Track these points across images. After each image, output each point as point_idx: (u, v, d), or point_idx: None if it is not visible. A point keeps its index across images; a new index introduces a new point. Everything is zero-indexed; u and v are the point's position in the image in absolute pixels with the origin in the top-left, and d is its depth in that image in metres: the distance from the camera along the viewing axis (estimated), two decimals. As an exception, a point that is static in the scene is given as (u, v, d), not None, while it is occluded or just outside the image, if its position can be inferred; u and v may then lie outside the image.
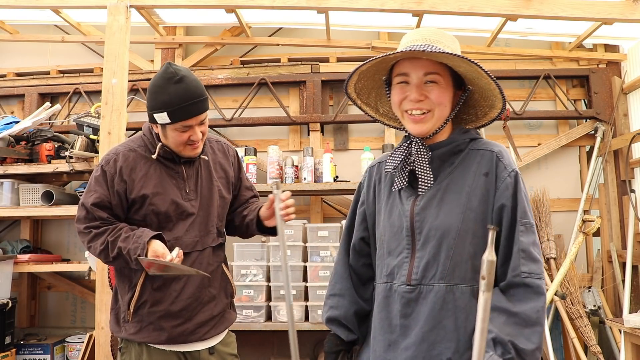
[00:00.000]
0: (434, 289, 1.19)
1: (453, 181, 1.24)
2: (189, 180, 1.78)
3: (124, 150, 1.77)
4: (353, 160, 3.57)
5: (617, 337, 3.01)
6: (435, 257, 1.20)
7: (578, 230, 3.19)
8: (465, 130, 1.31)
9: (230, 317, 1.88)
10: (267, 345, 3.41)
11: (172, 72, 1.64)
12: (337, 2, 2.99)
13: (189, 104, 1.65)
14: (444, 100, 1.23)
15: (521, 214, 1.19)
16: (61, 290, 3.76)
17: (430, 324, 1.19)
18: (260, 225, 1.86)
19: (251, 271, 3.06)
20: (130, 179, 1.72)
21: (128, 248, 1.63)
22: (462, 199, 1.22)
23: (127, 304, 1.72)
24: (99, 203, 1.70)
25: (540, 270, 1.17)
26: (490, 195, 1.22)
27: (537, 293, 1.14)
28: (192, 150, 1.75)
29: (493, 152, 1.25)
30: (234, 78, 3.72)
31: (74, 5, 3.21)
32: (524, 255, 1.16)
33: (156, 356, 1.72)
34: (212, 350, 1.78)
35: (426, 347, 1.18)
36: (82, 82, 3.84)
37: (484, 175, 1.23)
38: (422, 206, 1.24)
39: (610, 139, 3.45)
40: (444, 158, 1.27)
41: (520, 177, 1.23)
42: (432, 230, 1.22)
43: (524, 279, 1.15)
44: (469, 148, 1.28)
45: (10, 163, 3.25)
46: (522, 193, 1.21)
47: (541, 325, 1.12)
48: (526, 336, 1.10)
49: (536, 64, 3.72)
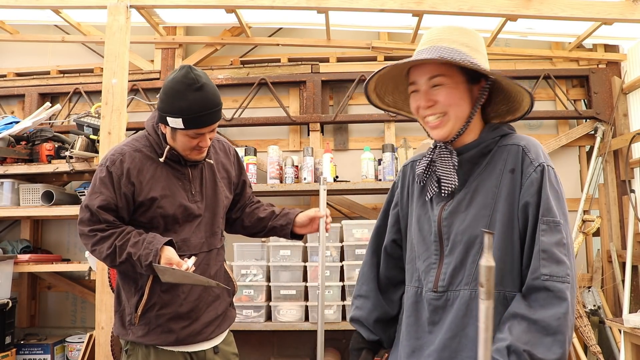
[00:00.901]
0: (460, 295, 1.16)
1: (482, 183, 1.19)
2: (194, 182, 1.77)
3: (129, 150, 1.70)
4: (353, 160, 3.57)
5: (617, 337, 3.01)
6: (462, 263, 1.17)
7: (578, 230, 3.19)
8: (496, 126, 1.24)
9: (232, 315, 1.90)
10: (267, 345, 3.41)
11: (192, 78, 1.59)
12: (337, 2, 2.99)
13: (206, 114, 1.61)
14: (455, 100, 1.18)
15: (544, 211, 1.10)
16: (61, 290, 3.76)
17: (454, 331, 1.15)
18: (292, 231, 1.92)
19: (251, 271, 3.06)
20: (138, 181, 1.67)
21: (139, 254, 1.59)
22: (488, 200, 1.16)
23: (135, 306, 1.70)
24: (105, 205, 1.65)
25: (565, 273, 1.06)
26: (516, 193, 1.14)
27: (559, 298, 1.04)
28: (198, 155, 1.74)
29: (519, 146, 1.17)
30: (234, 78, 3.72)
31: (74, 5, 3.21)
32: (544, 256, 1.07)
33: (163, 358, 1.71)
34: (216, 349, 1.79)
35: (447, 355, 1.15)
36: (82, 82, 3.84)
37: (509, 172, 1.15)
38: (450, 211, 1.20)
39: (610, 139, 3.45)
40: (474, 160, 1.21)
41: (549, 171, 1.14)
42: (458, 235, 1.18)
43: (544, 282, 1.06)
44: (497, 145, 1.21)
45: (11, 163, 3.25)
46: (548, 188, 1.11)
47: (563, 333, 1.03)
48: (546, 345, 1.02)
49: (536, 64, 3.72)
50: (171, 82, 1.61)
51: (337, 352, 3.30)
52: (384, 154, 3.23)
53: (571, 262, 1.09)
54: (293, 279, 3.02)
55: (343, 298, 3.02)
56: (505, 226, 1.13)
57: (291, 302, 3.02)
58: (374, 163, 3.27)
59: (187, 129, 1.62)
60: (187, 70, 1.61)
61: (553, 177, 1.14)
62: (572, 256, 1.10)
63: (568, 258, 1.08)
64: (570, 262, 1.09)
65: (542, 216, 1.10)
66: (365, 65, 3.74)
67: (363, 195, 3.60)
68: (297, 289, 3.02)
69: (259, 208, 1.99)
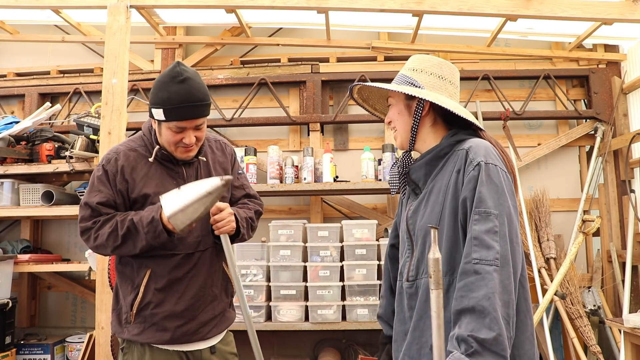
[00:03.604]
0: (422, 283, 1.30)
1: (436, 183, 1.33)
2: (188, 181, 1.78)
3: (124, 149, 1.77)
4: (353, 160, 3.57)
5: (617, 337, 3.01)
6: (422, 255, 1.32)
7: (578, 230, 3.19)
8: (455, 133, 1.37)
9: (231, 317, 1.89)
10: (267, 345, 3.41)
11: (177, 71, 1.63)
12: (337, 2, 2.99)
13: (186, 106, 1.63)
14: (396, 116, 1.41)
15: (477, 203, 1.19)
16: (61, 290, 3.76)
17: (419, 314, 1.30)
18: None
19: (251, 271, 3.06)
20: (132, 178, 1.73)
21: (140, 216, 1.64)
22: (440, 198, 1.30)
23: (130, 305, 1.72)
24: (104, 202, 1.70)
25: (493, 257, 1.14)
26: (458, 190, 1.26)
27: (486, 279, 1.12)
28: (184, 153, 1.74)
29: (465, 150, 1.29)
30: (234, 78, 3.72)
31: (74, 6, 3.21)
32: (475, 242, 1.16)
33: (159, 356, 1.72)
34: (213, 349, 1.79)
35: (418, 334, 1.29)
36: (82, 82, 3.84)
37: (456, 172, 1.28)
38: (413, 210, 1.38)
39: (610, 139, 3.45)
40: (432, 163, 1.36)
41: (487, 167, 1.23)
42: (418, 231, 1.34)
43: (474, 266, 1.14)
44: (453, 150, 1.34)
45: (11, 163, 3.25)
46: (485, 183, 1.21)
47: (496, 311, 1.10)
48: (487, 325, 1.09)
49: (536, 64, 3.72)
50: (159, 76, 1.68)
51: (337, 352, 3.30)
52: (384, 154, 3.23)
53: (503, 248, 1.16)
54: (293, 279, 3.02)
55: (343, 298, 3.02)
56: (452, 221, 1.26)
57: (291, 302, 3.02)
58: (374, 163, 3.27)
59: (167, 120, 1.65)
60: (174, 65, 1.66)
61: (494, 173, 1.23)
62: (507, 243, 1.17)
63: (499, 244, 1.16)
64: (502, 247, 1.16)
65: (475, 207, 1.20)
66: (365, 65, 3.74)
67: (363, 195, 3.60)
68: (297, 289, 3.03)
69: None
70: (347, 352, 3.34)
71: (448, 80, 1.38)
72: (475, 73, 3.59)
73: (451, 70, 1.40)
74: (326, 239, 3.06)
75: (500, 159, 1.28)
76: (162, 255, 1.72)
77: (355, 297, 3.00)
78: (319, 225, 3.18)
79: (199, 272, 1.76)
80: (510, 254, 1.17)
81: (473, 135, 1.36)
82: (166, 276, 1.72)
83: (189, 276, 1.74)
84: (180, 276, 1.73)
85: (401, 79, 1.39)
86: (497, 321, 1.10)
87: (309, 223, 3.23)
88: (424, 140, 1.40)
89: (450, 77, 1.39)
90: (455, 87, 1.41)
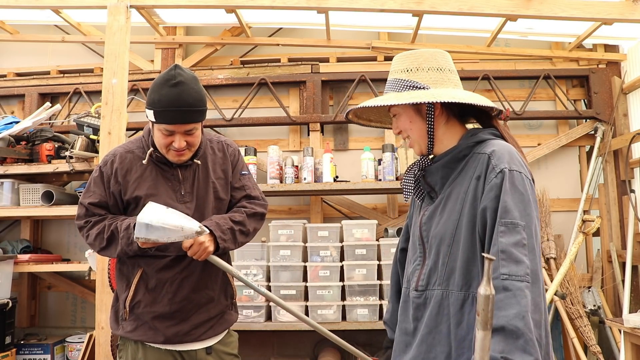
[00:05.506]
0: (434, 295, 1.23)
1: (454, 189, 1.25)
2: (184, 183, 1.78)
3: (121, 151, 1.80)
4: (353, 160, 3.57)
5: (617, 337, 3.01)
6: (435, 265, 1.25)
7: (578, 230, 3.19)
8: (475, 132, 1.30)
9: (231, 318, 1.88)
10: (267, 345, 3.41)
11: (172, 74, 1.63)
12: (337, 2, 2.99)
13: (175, 110, 1.62)
14: (407, 125, 1.32)
15: (502, 213, 1.12)
16: (61, 290, 3.76)
17: (429, 327, 1.23)
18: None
19: (251, 271, 3.06)
20: (125, 181, 1.75)
21: (123, 221, 1.69)
22: (457, 205, 1.22)
23: (124, 302, 1.76)
24: (96, 203, 1.77)
25: (524, 273, 1.07)
26: (478, 198, 1.18)
27: (518, 297, 1.05)
28: (175, 157, 1.73)
29: (486, 154, 1.21)
30: (234, 78, 3.72)
31: (74, 6, 3.21)
32: (503, 256, 1.08)
33: (151, 354, 1.73)
34: (209, 350, 1.79)
35: (425, 349, 1.23)
36: (82, 82, 3.84)
37: (476, 178, 1.20)
38: (428, 216, 1.30)
39: (610, 139, 3.45)
40: (450, 165, 1.28)
41: (511, 175, 1.15)
42: (433, 238, 1.26)
43: (503, 282, 1.07)
44: (473, 152, 1.26)
45: (11, 163, 3.25)
46: (509, 192, 1.13)
47: (531, 331, 1.03)
48: (521, 348, 1.01)
49: (536, 64, 3.72)
50: (156, 78, 1.69)
51: (337, 352, 3.29)
52: (384, 154, 3.23)
53: (533, 263, 1.10)
54: (293, 279, 3.02)
55: (343, 298, 3.02)
56: (470, 231, 1.19)
57: (291, 302, 3.02)
58: (374, 163, 3.27)
59: (157, 122, 1.66)
60: (171, 68, 1.66)
61: (518, 180, 1.15)
62: (536, 257, 1.11)
63: (529, 258, 1.09)
64: (532, 262, 1.10)
65: (500, 218, 1.12)
66: (365, 65, 3.74)
67: (363, 196, 3.60)
68: (297, 289, 3.02)
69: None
70: (346, 352, 3.34)
71: (447, 69, 1.30)
72: (475, 73, 3.59)
73: (444, 57, 1.31)
74: (326, 239, 3.06)
75: (524, 164, 1.21)
76: (153, 255, 1.74)
77: (355, 297, 3.00)
78: (319, 225, 3.18)
79: (191, 274, 1.76)
80: (539, 268, 1.11)
81: (492, 134, 1.29)
82: (155, 276, 1.73)
83: (180, 278, 1.74)
84: (170, 277, 1.73)
85: (400, 84, 1.28)
86: (533, 343, 1.02)
87: (309, 223, 3.23)
88: (441, 142, 1.31)
89: (447, 65, 1.30)
90: (455, 73, 1.32)
